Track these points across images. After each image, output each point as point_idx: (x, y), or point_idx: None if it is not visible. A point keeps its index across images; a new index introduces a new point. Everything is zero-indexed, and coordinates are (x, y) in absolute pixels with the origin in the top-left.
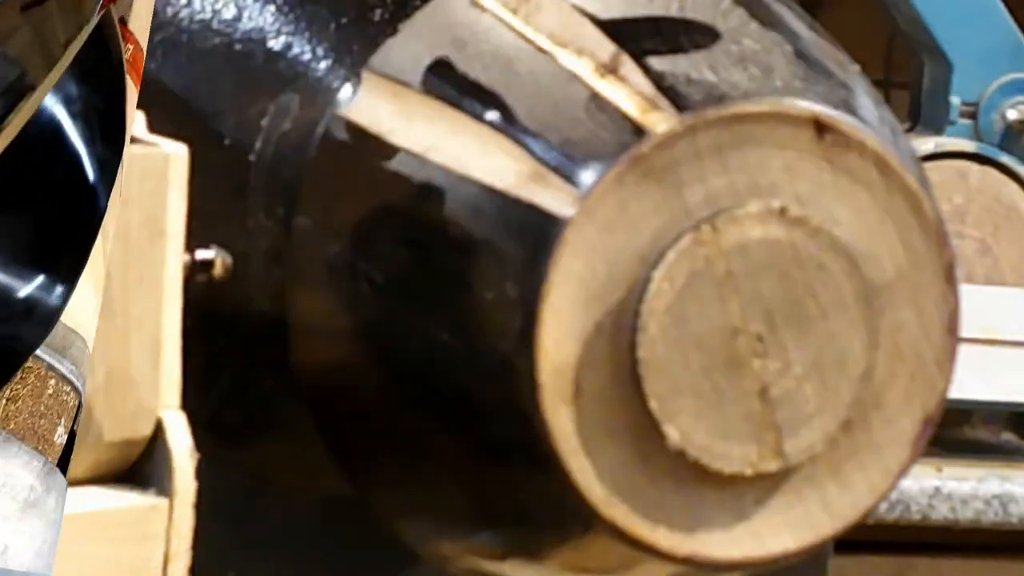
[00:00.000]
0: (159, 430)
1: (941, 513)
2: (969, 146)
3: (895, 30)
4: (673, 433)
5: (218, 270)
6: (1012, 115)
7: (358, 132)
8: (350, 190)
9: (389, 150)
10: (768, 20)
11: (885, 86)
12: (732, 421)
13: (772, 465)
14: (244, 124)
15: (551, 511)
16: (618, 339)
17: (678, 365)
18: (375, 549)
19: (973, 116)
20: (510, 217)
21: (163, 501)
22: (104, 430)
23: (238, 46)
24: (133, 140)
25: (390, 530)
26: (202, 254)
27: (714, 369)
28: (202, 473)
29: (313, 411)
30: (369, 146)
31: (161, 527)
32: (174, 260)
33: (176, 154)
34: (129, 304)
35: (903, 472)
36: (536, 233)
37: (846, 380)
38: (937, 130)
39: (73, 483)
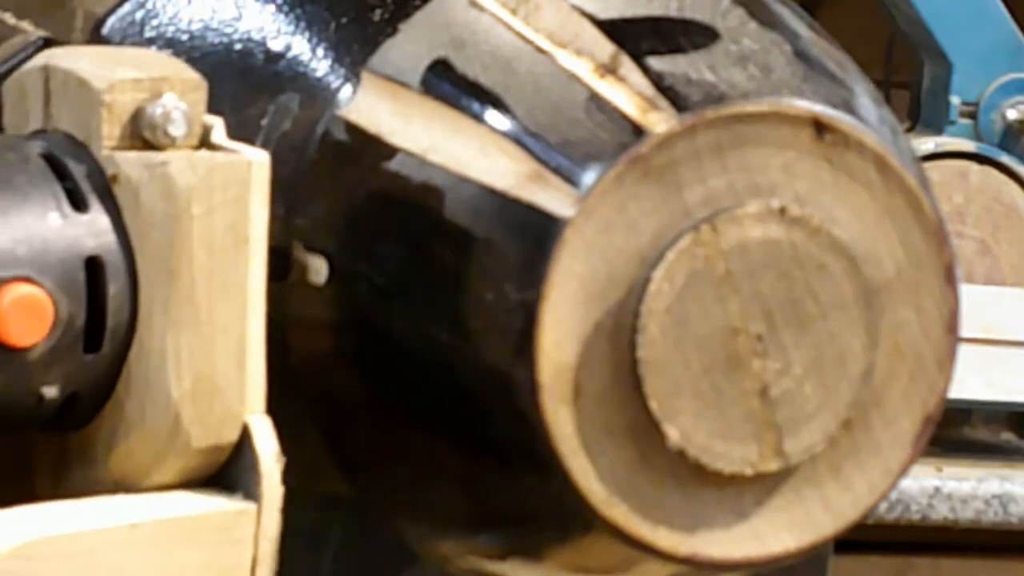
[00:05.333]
0: (245, 435)
1: (941, 513)
2: (969, 146)
3: (895, 30)
4: (673, 433)
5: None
6: (1012, 115)
7: (357, 132)
8: (349, 190)
9: (388, 150)
10: (768, 20)
11: (885, 86)
12: (732, 421)
13: (772, 465)
14: (244, 124)
15: (551, 511)
16: (618, 339)
17: (678, 365)
18: (375, 549)
19: (973, 116)
20: (510, 217)
21: (251, 505)
22: (192, 437)
23: (238, 46)
24: (214, 147)
25: (390, 530)
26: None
27: (714, 369)
28: None
29: (313, 411)
30: (368, 146)
31: (250, 531)
32: (257, 265)
33: (258, 161)
34: (214, 311)
35: (903, 472)
36: (536, 233)
37: (846, 380)
38: (937, 130)
39: (163, 488)
